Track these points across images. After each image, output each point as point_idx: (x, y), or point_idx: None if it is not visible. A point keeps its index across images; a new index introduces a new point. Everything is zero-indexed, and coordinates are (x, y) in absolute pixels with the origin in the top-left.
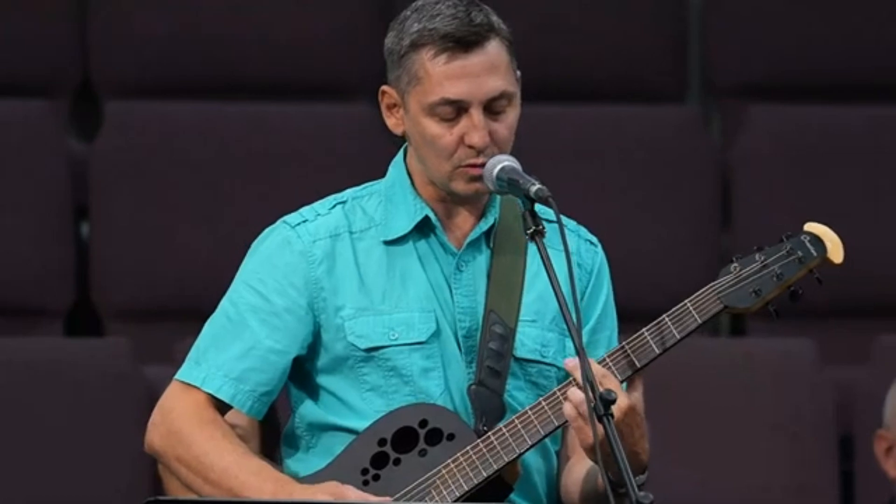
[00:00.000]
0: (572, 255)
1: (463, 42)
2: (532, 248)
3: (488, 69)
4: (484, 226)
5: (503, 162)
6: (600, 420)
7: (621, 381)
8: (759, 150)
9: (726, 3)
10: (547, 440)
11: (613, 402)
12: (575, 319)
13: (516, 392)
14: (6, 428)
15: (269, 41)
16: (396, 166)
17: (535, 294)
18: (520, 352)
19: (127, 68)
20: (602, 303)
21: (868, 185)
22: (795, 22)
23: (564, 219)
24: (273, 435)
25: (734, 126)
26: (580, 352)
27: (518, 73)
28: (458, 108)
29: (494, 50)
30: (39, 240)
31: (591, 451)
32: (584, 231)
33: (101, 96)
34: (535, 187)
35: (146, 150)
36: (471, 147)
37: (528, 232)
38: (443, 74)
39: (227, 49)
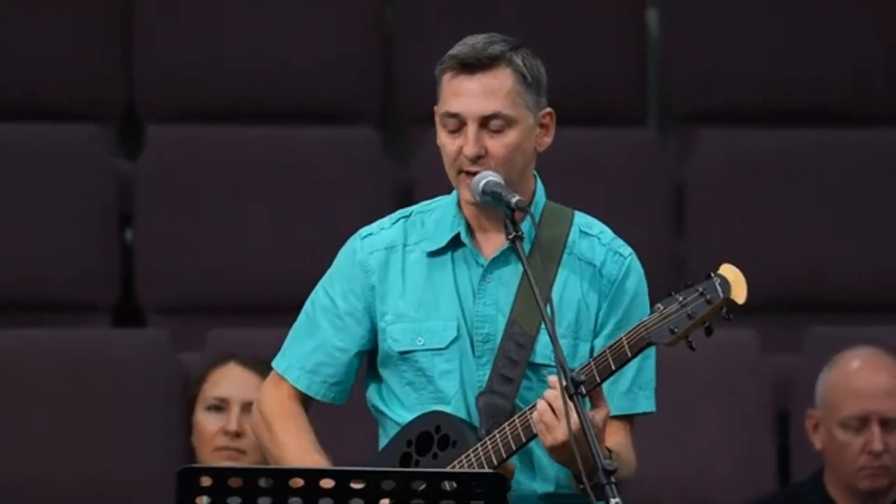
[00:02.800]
0: (598, 266)
1: (467, 65)
2: (566, 256)
3: (486, 92)
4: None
5: (487, 177)
6: (572, 398)
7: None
8: (709, 170)
9: (681, 40)
10: None
11: (583, 382)
12: (549, 311)
13: (527, 393)
14: (60, 408)
15: (287, 73)
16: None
17: (556, 302)
18: (535, 357)
19: (166, 97)
20: (623, 310)
21: (803, 199)
22: (742, 56)
23: (603, 231)
24: None
25: (688, 148)
26: (554, 342)
27: (547, 109)
28: (460, 122)
29: (500, 76)
30: (90, 244)
31: (553, 452)
32: (617, 243)
33: (143, 121)
34: (515, 199)
35: (182, 168)
36: (466, 156)
37: (509, 237)
38: (449, 91)
39: (251, 80)
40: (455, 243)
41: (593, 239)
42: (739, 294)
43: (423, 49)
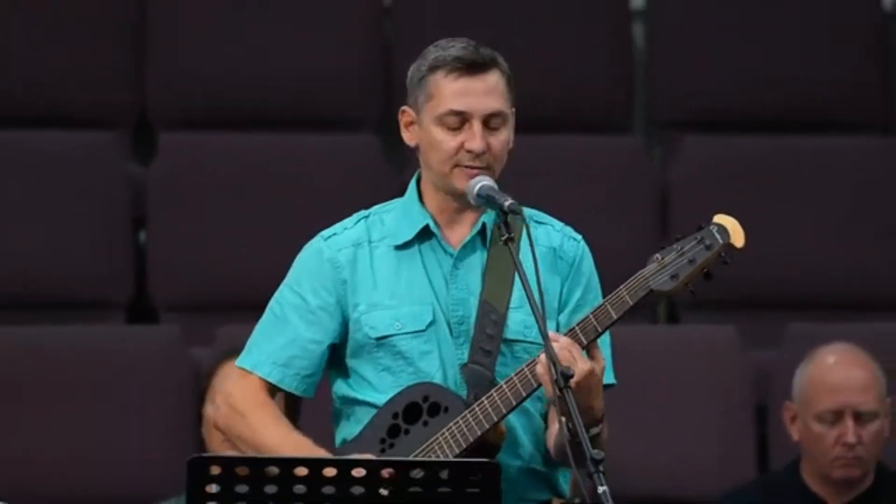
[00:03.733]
0: (556, 249)
1: (471, 65)
2: (522, 246)
3: (488, 91)
4: (475, 229)
5: (482, 182)
6: (562, 391)
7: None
8: (692, 174)
9: (665, 52)
10: (530, 406)
11: (572, 376)
12: (540, 307)
13: (502, 368)
14: (78, 400)
15: (292, 82)
16: (411, 187)
17: (521, 284)
18: (508, 333)
19: (177, 105)
20: (582, 288)
21: (780, 201)
22: (723, 67)
23: (553, 220)
24: (295, 408)
25: (672, 154)
26: (544, 335)
27: (513, 108)
28: (462, 120)
29: (495, 78)
30: (105, 245)
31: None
32: (569, 230)
33: (156, 129)
34: (508, 202)
35: (192, 173)
36: (469, 151)
37: (502, 238)
38: (451, 90)
39: (258, 90)
40: (422, 236)
41: (547, 226)
42: (738, 239)
43: None
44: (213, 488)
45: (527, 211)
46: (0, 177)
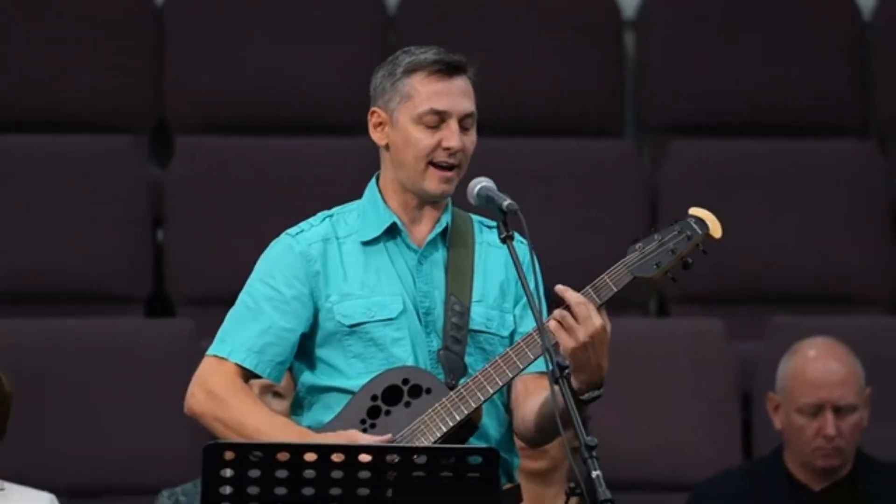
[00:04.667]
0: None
1: (449, 66)
2: (478, 244)
3: (464, 93)
4: (438, 228)
5: (482, 182)
6: (558, 381)
7: (554, 343)
8: (680, 176)
9: (655, 59)
10: (495, 396)
11: (567, 367)
12: (536, 300)
13: (468, 357)
14: (98, 391)
15: (301, 89)
16: (370, 188)
17: (481, 280)
18: (473, 325)
19: (193, 111)
20: (534, 284)
21: (764, 201)
22: (710, 74)
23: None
24: None
25: (661, 156)
26: (541, 329)
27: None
28: (440, 119)
29: (467, 81)
30: (125, 243)
31: (574, 356)
32: (516, 234)
33: (173, 133)
34: (507, 202)
35: (208, 175)
36: (446, 149)
37: (502, 237)
38: (430, 90)
39: (269, 96)
40: (388, 233)
41: (494, 230)
42: (716, 230)
43: None
44: (227, 473)
45: (475, 217)
46: (27, 178)
